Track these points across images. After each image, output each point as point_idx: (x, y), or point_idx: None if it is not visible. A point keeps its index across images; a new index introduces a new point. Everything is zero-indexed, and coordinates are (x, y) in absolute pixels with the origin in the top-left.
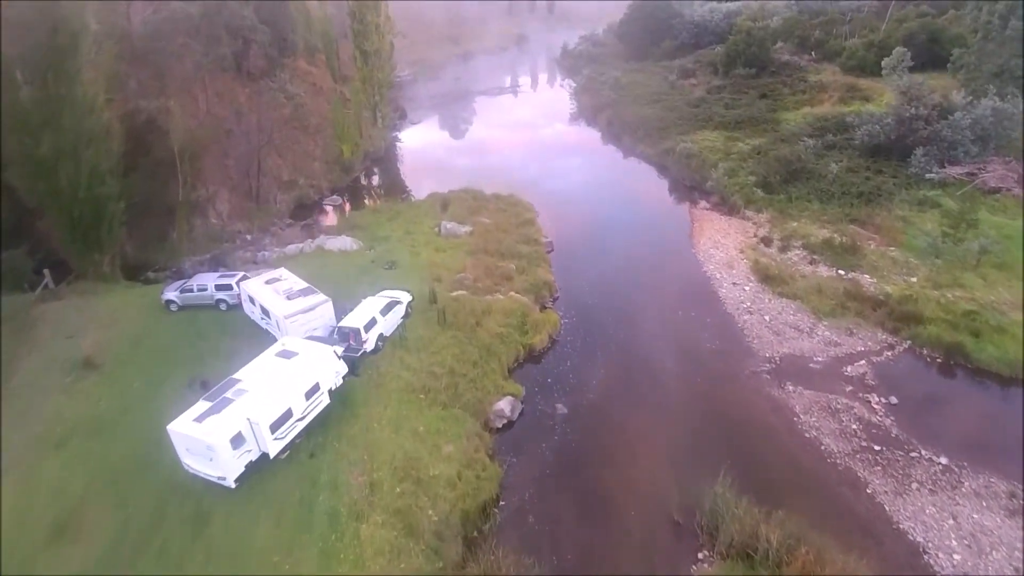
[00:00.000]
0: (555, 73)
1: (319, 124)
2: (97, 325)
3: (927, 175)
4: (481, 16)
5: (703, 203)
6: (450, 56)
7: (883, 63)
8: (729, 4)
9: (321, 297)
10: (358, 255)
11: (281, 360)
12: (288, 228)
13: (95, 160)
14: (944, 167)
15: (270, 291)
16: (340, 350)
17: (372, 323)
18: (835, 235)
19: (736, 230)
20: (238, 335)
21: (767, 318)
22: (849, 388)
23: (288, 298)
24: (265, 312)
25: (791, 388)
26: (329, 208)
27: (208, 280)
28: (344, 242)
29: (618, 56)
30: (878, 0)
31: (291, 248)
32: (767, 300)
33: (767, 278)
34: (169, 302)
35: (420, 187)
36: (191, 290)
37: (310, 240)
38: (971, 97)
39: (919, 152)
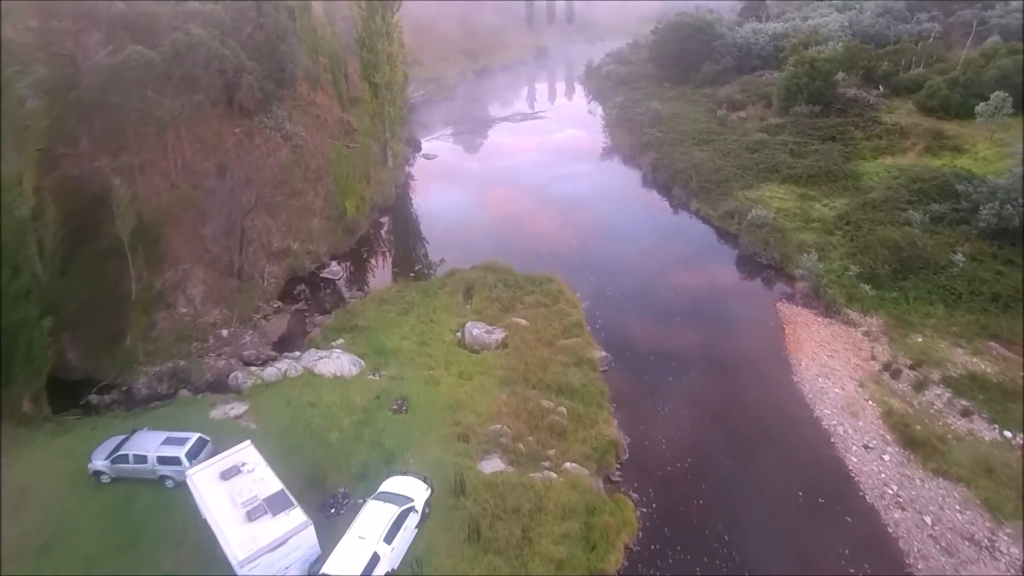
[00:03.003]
0: (581, 94)
1: (321, 166)
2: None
3: None
4: (498, 28)
5: (782, 286)
6: (466, 72)
7: (977, 109)
8: (774, 25)
9: (298, 518)
10: (358, 384)
11: None
12: (276, 315)
13: (5, 280)
14: None
15: (226, 498)
16: None
17: (373, 564)
18: (979, 362)
19: (844, 344)
20: (185, 540)
21: (927, 519)
22: None
23: (250, 518)
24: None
25: None
26: (328, 277)
27: (148, 447)
28: (340, 363)
29: (650, 78)
30: (937, 13)
31: (271, 373)
32: (918, 481)
33: (911, 442)
34: (98, 473)
35: (436, 241)
36: (126, 460)
37: (297, 355)
38: None
39: None
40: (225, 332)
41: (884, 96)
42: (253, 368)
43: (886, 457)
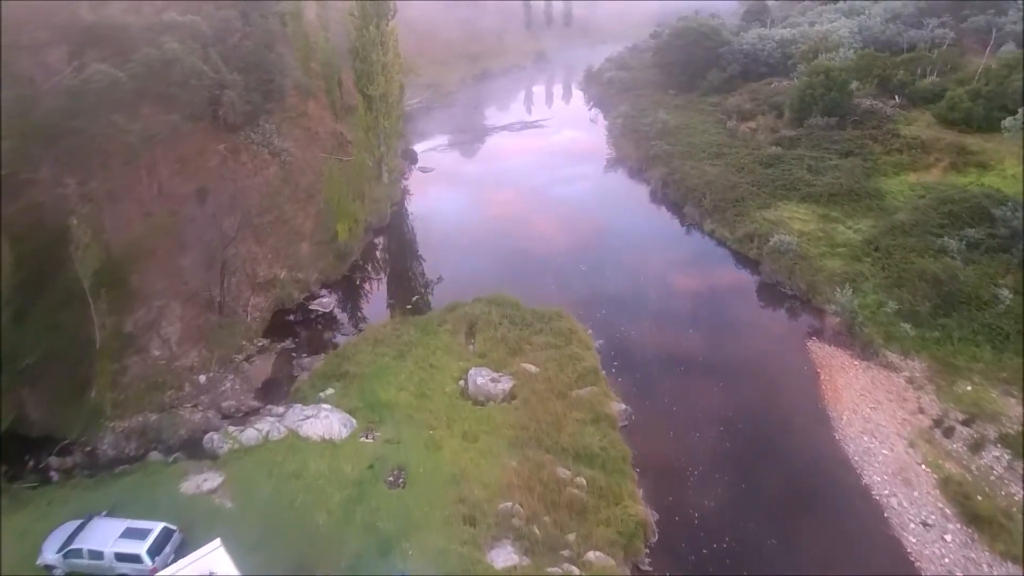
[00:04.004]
0: (581, 101)
1: (311, 184)
2: None
3: None
4: (498, 31)
5: (809, 319)
6: (465, 77)
7: (1004, 124)
8: (781, 31)
9: None
10: (349, 449)
11: None
12: (260, 355)
13: None
14: None
15: None
16: None
17: None
18: None
19: (887, 393)
20: None
21: None
22: None
23: None
24: None
25: None
26: (318, 309)
27: (105, 541)
28: (329, 423)
29: (654, 85)
30: (948, 19)
31: (251, 435)
32: (986, 567)
33: (974, 518)
34: (49, 568)
35: (434, 265)
36: (79, 554)
37: (281, 412)
38: None
39: None
40: (203, 378)
41: (901, 107)
42: (231, 428)
43: (948, 537)
